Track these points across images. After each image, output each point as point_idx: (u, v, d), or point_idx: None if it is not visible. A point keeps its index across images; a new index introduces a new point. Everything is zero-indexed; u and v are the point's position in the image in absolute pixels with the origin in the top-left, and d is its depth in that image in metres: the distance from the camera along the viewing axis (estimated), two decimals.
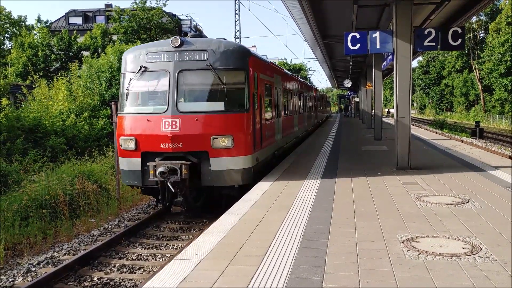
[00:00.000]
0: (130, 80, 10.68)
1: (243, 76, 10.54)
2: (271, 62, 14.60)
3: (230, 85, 10.44)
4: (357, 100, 54.71)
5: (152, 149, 10.10)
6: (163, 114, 10.05)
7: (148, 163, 9.92)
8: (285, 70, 18.54)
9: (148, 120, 10.18)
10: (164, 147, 9.92)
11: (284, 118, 16.76)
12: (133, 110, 10.71)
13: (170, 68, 10.26)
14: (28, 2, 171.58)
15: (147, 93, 10.95)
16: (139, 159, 10.29)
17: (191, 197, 10.39)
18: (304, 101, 25.38)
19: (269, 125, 13.23)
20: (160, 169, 9.53)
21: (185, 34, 11.04)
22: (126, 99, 10.79)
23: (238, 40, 57.75)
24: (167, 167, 9.56)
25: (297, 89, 21.46)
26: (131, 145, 10.31)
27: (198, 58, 10.26)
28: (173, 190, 9.74)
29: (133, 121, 10.50)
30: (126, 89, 10.74)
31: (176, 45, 10.29)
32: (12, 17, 58.49)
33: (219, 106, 10.31)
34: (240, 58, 10.59)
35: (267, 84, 13.19)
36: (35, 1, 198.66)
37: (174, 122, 9.90)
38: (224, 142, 9.96)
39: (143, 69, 10.55)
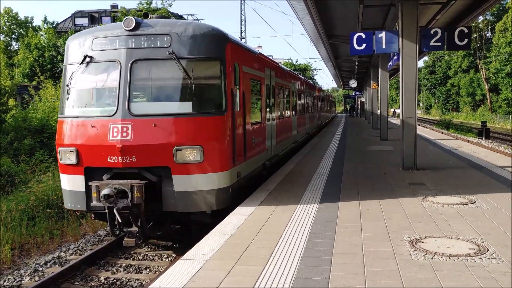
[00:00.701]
0: (72, 74, 8.50)
1: (218, 67, 8.31)
2: (260, 53, 12.04)
3: (201, 79, 8.33)
4: (363, 100, 54.66)
5: (98, 164, 7.94)
6: (111, 118, 7.88)
7: (90, 183, 7.90)
8: (280, 64, 16.01)
9: (93, 126, 8.01)
10: (112, 161, 7.76)
11: (279, 121, 14.55)
12: (75, 112, 8.49)
13: (121, 58, 8.10)
14: (34, 2, 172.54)
15: (92, 90, 8.75)
16: (82, 177, 8.11)
17: (149, 226, 8.36)
18: (305, 101, 23.20)
19: (258, 130, 11.01)
20: (104, 191, 7.44)
21: (146, 15, 8.78)
22: (67, 98, 8.61)
23: (243, 40, 57.65)
24: (114, 188, 7.49)
25: (296, 87, 19.36)
26: (72, 158, 8.13)
27: (158, 44, 8.09)
28: (119, 220, 7.70)
29: (74, 127, 8.30)
30: (67, 86, 8.58)
31: (130, 28, 8.08)
32: (18, 18, 58.88)
33: (186, 107, 8.14)
34: (214, 44, 8.36)
35: (255, 80, 10.99)
36: (41, 2, 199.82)
37: (124, 129, 7.75)
38: (191, 154, 7.78)
39: (88, 59, 8.35)
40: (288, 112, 16.91)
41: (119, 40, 8.21)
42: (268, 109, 12.51)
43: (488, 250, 5.78)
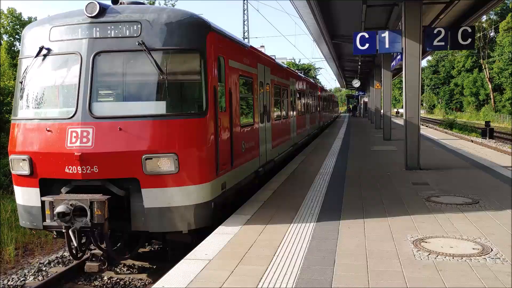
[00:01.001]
0: (27, 69, 7.34)
1: (198, 61, 7.16)
2: (251, 47, 10.83)
3: (177, 75, 7.24)
4: (366, 100, 54.62)
5: (55, 175, 6.79)
6: (69, 121, 6.73)
7: (43, 198, 6.81)
8: (276, 60, 14.64)
9: (48, 130, 6.84)
10: (70, 171, 6.60)
11: (276, 123, 13.30)
12: (29, 114, 7.37)
13: (82, 49, 6.93)
14: (37, 2, 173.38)
15: (49, 88, 7.52)
16: (37, 190, 6.97)
17: (116, 248, 7.38)
18: (306, 100, 21.95)
19: (249, 133, 9.85)
20: (58, 209, 6.37)
21: (115, 1, 7.45)
22: (21, 97, 7.46)
23: (246, 40, 57.51)
24: (71, 205, 6.39)
25: (295, 86, 18.13)
26: (25, 168, 6.99)
27: (126, 33, 6.94)
28: (75, 244, 6.72)
29: (28, 132, 7.17)
30: (21, 83, 7.43)
31: (93, 14, 6.93)
32: (22, 19, 59.10)
33: (158, 107, 7.01)
34: (192, 33, 7.20)
35: (245, 77, 9.79)
36: (45, 2, 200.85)
37: (84, 133, 6.61)
38: (163, 164, 6.67)
39: (44, 51, 7.19)
40: (286, 113, 15.76)
41: (81, 28, 7.01)
42: (261, 110, 11.36)
43: (492, 250, 5.76)
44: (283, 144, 14.60)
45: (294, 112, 17.60)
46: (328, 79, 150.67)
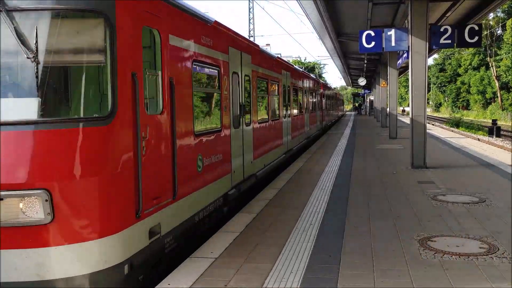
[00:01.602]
0: None
1: (100, 30, 4.43)
2: (216, 21, 7.73)
3: (61, 54, 4.44)
4: (372, 98, 54.51)
5: None
6: None
7: None
8: (261, 47, 11.86)
9: None
10: None
11: (259, 127, 10.62)
12: None
13: None
14: None
15: None
16: None
17: None
18: (304, 98, 19.34)
19: (211, 144, 7.19)
20: None
21: None
22: None
23: (252, 38, 57.28)
24: None
25: (291, 81, 15.59)
26: None
27: None
28: None
29: None
30: None
31: None
32: None
33: (23, 109, 4.29)
34: None
35: (206, 64, 7.15)
36: None
37: None
38: (26, 208, 4.06)
39: None
40: (277, 113, 13.20)
41: None
42: (236, 110, 8.69)
43: (498, 249, 5.73)
44: (272, 152, 12.04)
45: (288, 112, 15.04)
46: (334, 77, 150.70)
